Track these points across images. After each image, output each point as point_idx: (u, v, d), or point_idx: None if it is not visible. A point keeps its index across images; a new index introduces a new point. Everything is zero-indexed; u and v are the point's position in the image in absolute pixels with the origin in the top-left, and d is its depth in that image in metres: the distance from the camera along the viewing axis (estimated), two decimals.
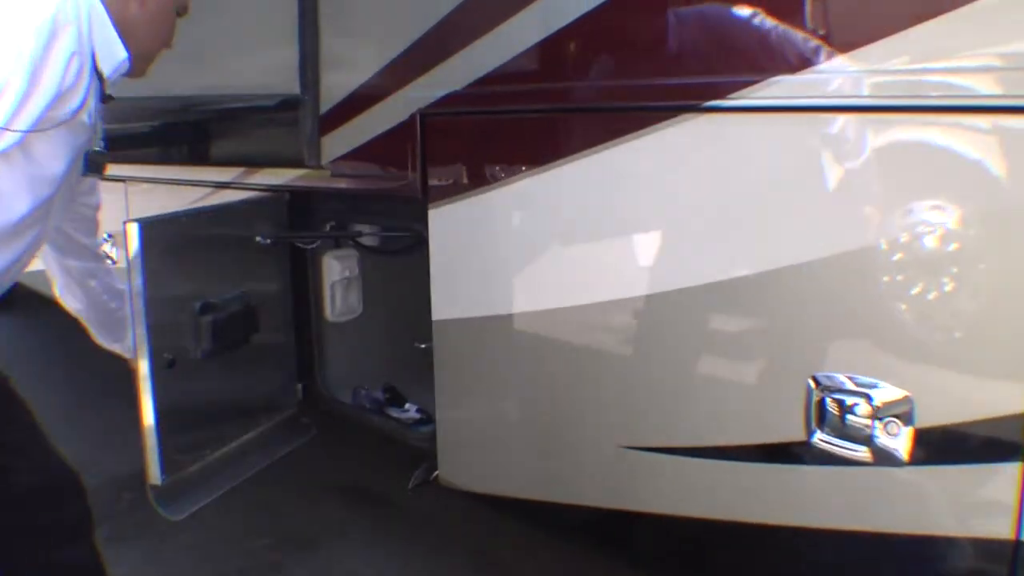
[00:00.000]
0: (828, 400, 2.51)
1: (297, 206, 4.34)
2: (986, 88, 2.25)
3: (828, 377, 2.51)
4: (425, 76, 3.44)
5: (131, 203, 4.97)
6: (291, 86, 3.94)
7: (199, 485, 3.86)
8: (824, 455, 2.54)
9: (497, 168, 3.25)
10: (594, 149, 2.91)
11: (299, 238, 4.26)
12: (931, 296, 2.35)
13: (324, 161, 3.97)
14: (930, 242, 2.34)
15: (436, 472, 3.86)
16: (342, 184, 3.94)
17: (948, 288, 2.33)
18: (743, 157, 2.63)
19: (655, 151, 2.73)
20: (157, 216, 3.70)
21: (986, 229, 2.28)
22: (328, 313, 4.35)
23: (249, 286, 4.09)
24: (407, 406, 4.25)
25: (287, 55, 3.93)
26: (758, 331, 2.67)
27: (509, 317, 3.30)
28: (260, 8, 4.01)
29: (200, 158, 4.73)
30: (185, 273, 3.78)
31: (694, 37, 2.75)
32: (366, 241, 4.41)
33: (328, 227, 4.27)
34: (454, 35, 3.32)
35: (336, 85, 3.86)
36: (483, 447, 3.53)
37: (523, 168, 3.14)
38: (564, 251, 3.10)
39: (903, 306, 2.40)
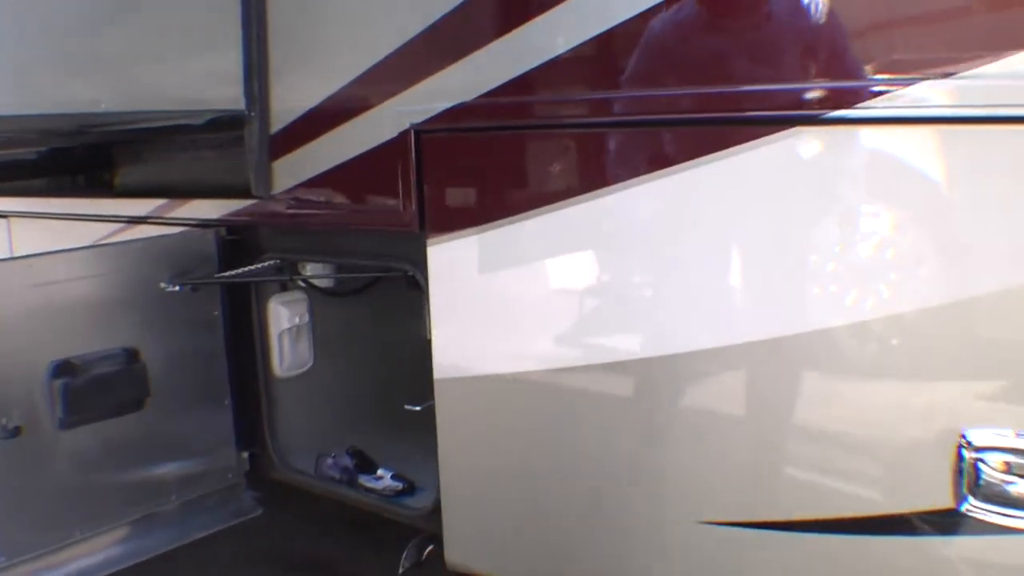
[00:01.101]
0: (984, 461, 2.12)
1: (230, 242, 3.63)
2: None
3: (984, 432, 2.12)
4: (422, 84, 2.87)
5: (15, 242, 4.08)
6: (233, 100, 3.26)
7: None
8: (977, 525, 2.15)
9: (527, 194, 2.72)
10: (665, 171, 2.43)
11: (236, 279, 3.55)
12: None
13: (276, 190, 3.32)
14: None
15: (429, 548, 3.30)
16: (301, 216, 3.29)
17: None
18: (868, 172, 2.22)
19: (764, 165, 2.28)
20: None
21: None
22: (277, 367, 3.66)
23: (157, 339, 3.43)
24: (380, 472, 3.62)
25: (227, 62, 3.25)
26: (896, 380, 2.25)
27: (544, 375, 2.77)
28: (192, 5, 3.27)
29: (107, 188, 3.94)
30: (40, 325, 3.14)
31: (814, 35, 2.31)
32: (321, 283, 3.76)
33: (270, 265, 3.58)
34: (464, 33, 2.76)
35: (292, 98, 3.23)
36: (502, 525, 2.98)
37: (561, 194, 2.63)
38: (626, 291, 2.61)
39: None
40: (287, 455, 3.73)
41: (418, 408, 3.21)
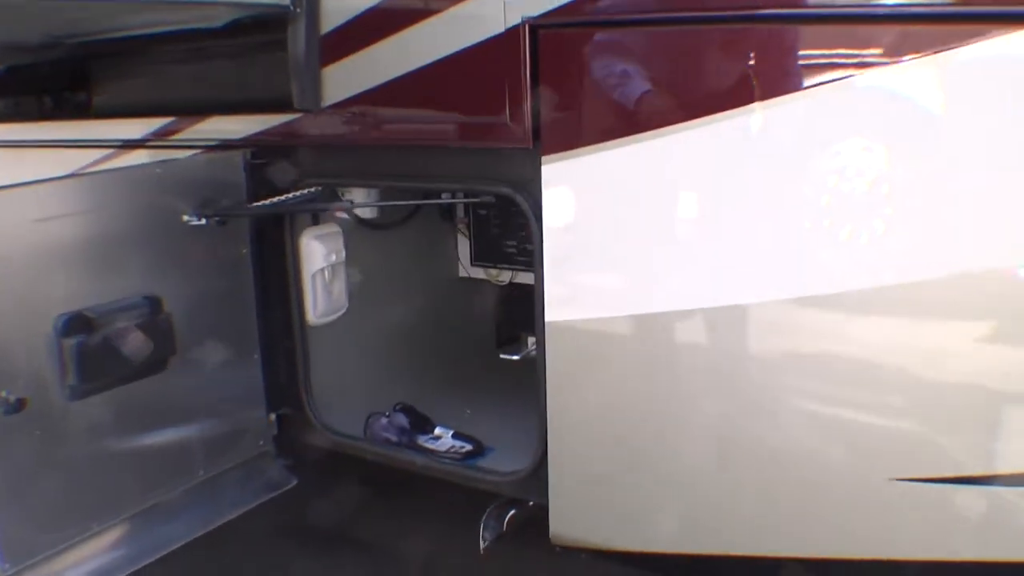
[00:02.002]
0: None
1: (257, 167, 3.04)
2: None
3: None
4: None
5: None
6: None
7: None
8: None
9: (673, 104, 2.27)
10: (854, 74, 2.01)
11: (278, 208, 2.96)
12: None
13: (327, 102, 2.75)
14: None
15: (510, 515, 2.87)
16: (359, 133, 2.74)
17: None
18: None
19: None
20: None
21: None
22: (311, 314, 3.12)
23: (179, 284, 2.85)
24: (438, 431, 3.14)
25: None
26: None
27: (685, 317, 2.35)
28: None
29: (101, 106, 3.25)
30: (44, 270, 2.53)
31: None
32: (364, 214, 3.21)
33: (313, 192, 2.99)
34: None
35: None
36: (626, 493, 2.56)
37: (716, 103, 2.18)
38: (794, 220, 2.18)
39: None
40: (324, 416, 3.19)
41: (516, 357, 2.75)
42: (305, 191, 2.98)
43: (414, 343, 3.60)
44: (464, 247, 3.75)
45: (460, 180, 2.75)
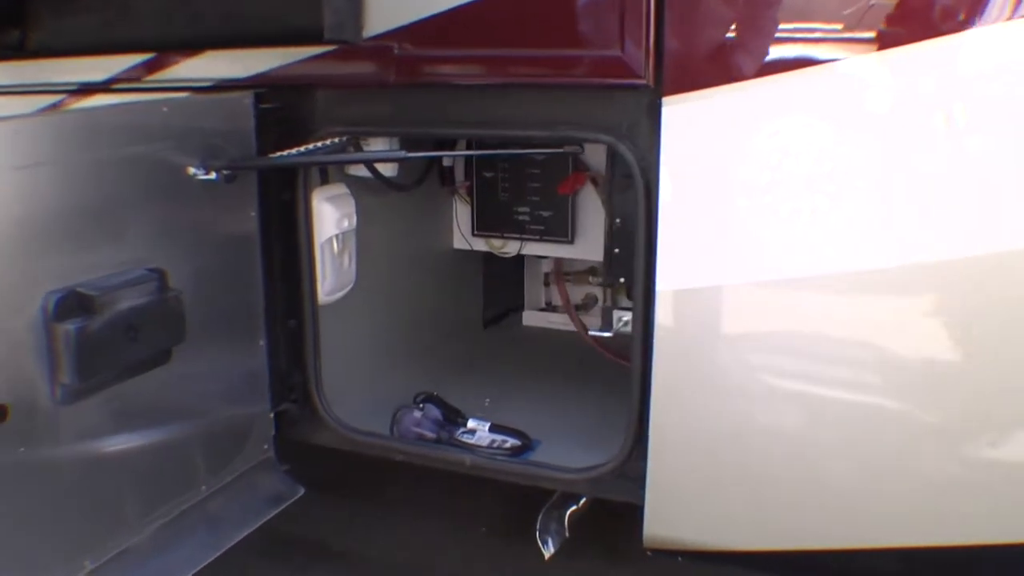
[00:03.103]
0: None
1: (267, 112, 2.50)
2: None
3: None
4: None
5: None
6: None
7: None
8: None
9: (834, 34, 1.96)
10: None
11: (309, 160, 2.44)
12: None
13: (371, 32, 2.28)
14: None
15: (571, 511, 2.57)
16: (421, 70, 2.28)
17: None
18: None
19: None
20: None
21: None
22: (320, 290, 2.62)
23: (183, 253, 2.29)
24: (471, 423, 2.71)
25: None
26: None
27: (825, 283, 2.05)
28: None
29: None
30: (27, 235, 1.93)
31: None
32: (387, 170, 2.73)
33: (335, 144, 2.49)
34: None
35: None
36: (736, 487, 2.25)
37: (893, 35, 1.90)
38: (957, 172, 1.91)
39: None
40: (336, 411, 2.70)
41: (609, 334, 2.37)
42: (328, 142, 2.47)
43: (411, 324, 3.15)
44: (465, 215, 3.32)
45: (539, 127, 2.32)
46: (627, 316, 2.42)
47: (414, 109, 2.43)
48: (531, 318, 3.73)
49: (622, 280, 2.48)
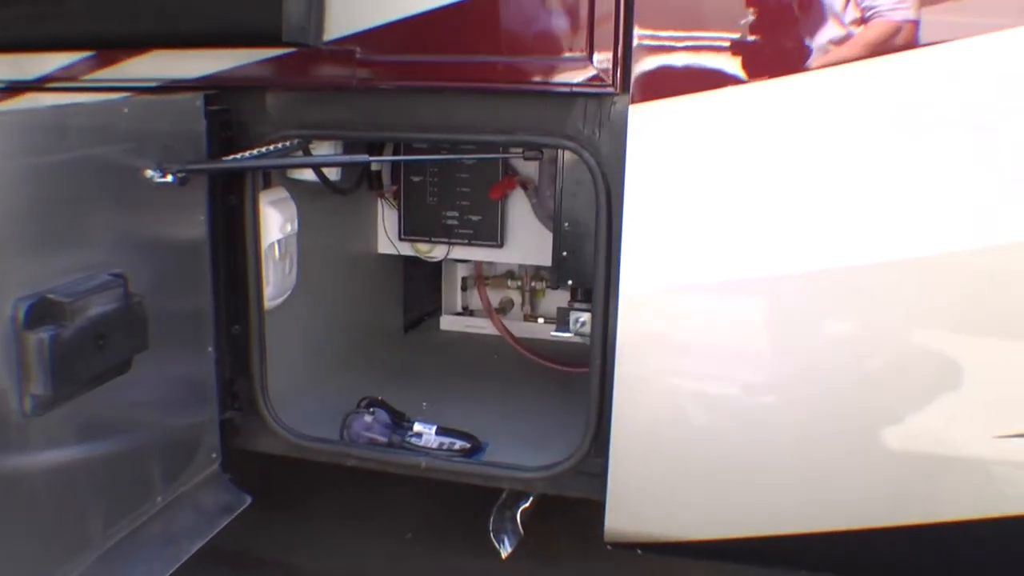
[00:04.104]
0: None
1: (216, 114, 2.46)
2: None
3: None
4: None
5: None
6: None
7: None
8: None
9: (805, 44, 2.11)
10: None
11: (271, 163, 2.43)
12: None
13: (331, 36, 2.31)
14: None
15: (522, 508, 2.63)
16: (381, 74, 2.33)
17: None
18: None
19: None
20: None
21: None
22: (266, 294, 2.61)
23: (138, 258, 2.23)
24: (417, 427, 2.75)
25: None
26: None
27: (788, 283, 2.21)
28: None
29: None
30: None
31: None
32: (332, 174, 2.73)
33: (286, 147, 2.48)
34: None
35: None
36: (696, 480, 2.39)
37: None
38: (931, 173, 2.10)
39: None
40: (279, 415, 2.68)
41: (569, 334, 2.47)
42: (279, 145, 2.46)
43: (346, 329, 3.16)
44: (391, 219, 3.34)
45: (501, 132, 2.39)
46: (584, 317, 2.51)
47: (372, 113, 2.45)
48: (449, 322, 3.77)
49: (570, 283, 2.58)
